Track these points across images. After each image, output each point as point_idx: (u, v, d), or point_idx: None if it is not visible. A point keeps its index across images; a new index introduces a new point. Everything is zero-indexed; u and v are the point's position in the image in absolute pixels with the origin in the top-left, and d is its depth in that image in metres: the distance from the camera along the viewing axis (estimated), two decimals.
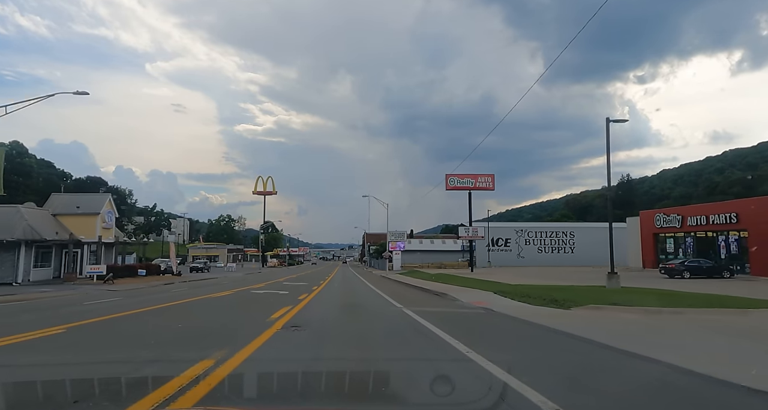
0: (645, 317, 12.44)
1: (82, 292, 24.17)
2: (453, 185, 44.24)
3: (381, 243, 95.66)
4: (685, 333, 9.87)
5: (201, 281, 35.66)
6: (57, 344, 8.62)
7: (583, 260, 59.94)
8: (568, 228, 70.82)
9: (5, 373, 6.28)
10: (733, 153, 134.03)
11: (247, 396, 5.16)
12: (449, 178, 44.62)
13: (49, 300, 19.73)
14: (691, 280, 30.39)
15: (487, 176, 45.41)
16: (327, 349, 8.13)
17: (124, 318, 12.71)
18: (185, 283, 32.62)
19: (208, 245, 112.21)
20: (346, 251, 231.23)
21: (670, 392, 5.35)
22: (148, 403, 4.47)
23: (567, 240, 68.19)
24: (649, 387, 5.46)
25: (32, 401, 4.86)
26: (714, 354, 7.54)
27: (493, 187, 44.77)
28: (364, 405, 4.73)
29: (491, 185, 44.80)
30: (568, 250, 67.45)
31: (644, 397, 5.12)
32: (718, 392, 5.32)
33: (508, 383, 5.31)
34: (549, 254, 66.40)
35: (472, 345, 7.74)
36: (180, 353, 7.46)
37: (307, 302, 17.99)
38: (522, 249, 65.00)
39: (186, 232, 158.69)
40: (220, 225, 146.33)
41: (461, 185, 44.67)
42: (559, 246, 67.97)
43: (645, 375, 6.09)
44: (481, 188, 44.95)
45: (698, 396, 5.23)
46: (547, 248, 67.70)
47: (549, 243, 67.92)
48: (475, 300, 16.98)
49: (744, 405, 5.00)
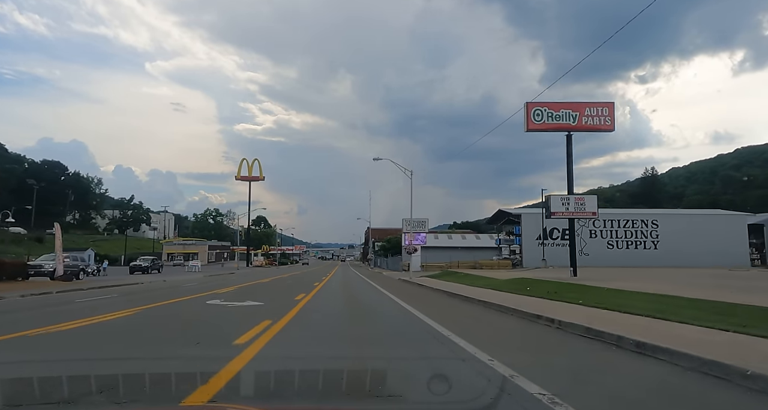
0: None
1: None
2: (540, 122, 24.57)
3: (388, 239, 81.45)
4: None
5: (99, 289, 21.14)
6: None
7: (670, 259, 45.19)
8: (650, 216, 54.28)
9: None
10: (746, 150, 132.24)
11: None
12: (533, 110, 24.39)
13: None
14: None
15: (602, 106, 24.88)
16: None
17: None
18: (60, 294, 18.34)
19: (185, 241, 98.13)
20: (345, 250, 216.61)
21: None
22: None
23: (648, 232, 51.90)
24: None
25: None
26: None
27: (613, 126, 25.29)
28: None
29: (609, 122, 25.09)
30: (650, 245, 51.74)
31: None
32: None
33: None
34: (622, 250, 50.74)
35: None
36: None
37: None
38: (585, 244, 48.39)
39: (170, 228, 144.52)
40: (206, 221, 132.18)
41: (555, 124, 24.58)
42: (638, 239, 51.86)
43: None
44: (592, 128, 25.13)
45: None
46: (620, 243, 51.62)
47: (623, 235, 51.68)
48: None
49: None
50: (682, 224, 50.72)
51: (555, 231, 50.20)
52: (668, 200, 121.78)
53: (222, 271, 55.53)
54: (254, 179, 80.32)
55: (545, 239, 48.70)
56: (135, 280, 30.36)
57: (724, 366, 4.77)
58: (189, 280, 30.90)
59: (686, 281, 21.61)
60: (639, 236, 51.37)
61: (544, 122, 24.57)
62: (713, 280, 21.34)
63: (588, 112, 24.70)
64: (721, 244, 46.28)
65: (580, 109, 25.00)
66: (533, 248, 49.35)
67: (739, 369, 4.59)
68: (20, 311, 12.24)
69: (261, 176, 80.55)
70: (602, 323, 7.96)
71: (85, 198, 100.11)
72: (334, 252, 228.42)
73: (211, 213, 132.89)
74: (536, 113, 24.67)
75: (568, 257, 24.71)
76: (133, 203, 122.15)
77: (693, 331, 6.91)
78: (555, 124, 24.94)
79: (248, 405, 3.71)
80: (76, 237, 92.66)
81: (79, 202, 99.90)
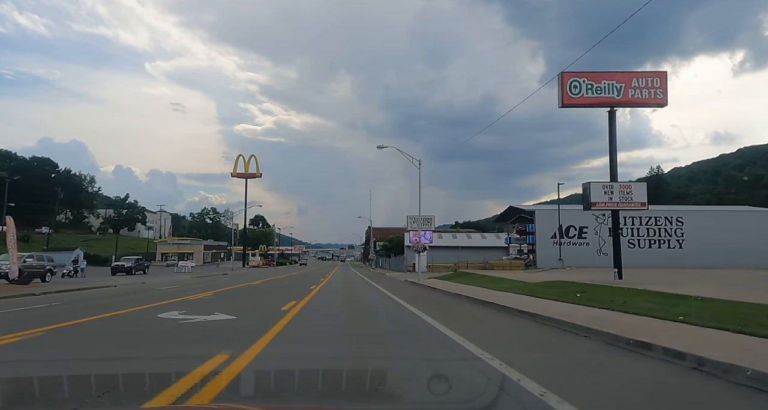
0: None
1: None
2: (577, 96, 20.64)
3: (390, 238, 78.17)
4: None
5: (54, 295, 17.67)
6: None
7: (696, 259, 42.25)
8: (674, 213, 49.39)
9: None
10: (749, 150, 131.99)
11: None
12: (570, 80, 20.70)
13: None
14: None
15: (652, 75, 20.88)
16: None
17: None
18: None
19: (180, 240, 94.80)
20: (345, 250, 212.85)
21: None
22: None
23: (672, 230, 47.54)
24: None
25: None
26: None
27: (666, 99, 21.03)
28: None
29: (661, 95, 20.98)
30: (674, 243, 47.53)
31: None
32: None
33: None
34: (644, 249, 46.48)
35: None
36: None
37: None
38: (604, 242, 42.84)
39: (166, 227, 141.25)
40: (203, 220, 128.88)
41: (596, 97, 20.58)
42: (661, 238, 47.44)
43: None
44: (640, 102, 21.23)
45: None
46: (642, 241, 47.17)
47: (645, 234, 47.25)
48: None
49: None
50: (709, 221, 46.89)
51: (572, 229, 46.37)
52: (672, 199, 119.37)
53: (215, 272, 52.27)
54: (251, 176, 76.86)
55: (563, 237, 44.97)
56: (110, 282, 26.99)
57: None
58: (172, 282, 27.62)
59: (750, 284, 18.36)
60: (663, 235, 47.42)
61: (583, 96, 20.15)
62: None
63: (635, 83, 20.33)
64: (753, 242, 42.69)
65: (626, 80, 20.79)
66: (548, 247, 45.46)
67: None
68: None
69: (258, 172, 77.05)
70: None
71: (77, 196, 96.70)
72: (334, 252, 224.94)
73: (208, 213, 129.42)
74: (573, 84, 20.55)
75: (585, 257, 21.67)
76: (128, 202, 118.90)
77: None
78: (596, 97, 20.69)
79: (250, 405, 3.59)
80: (67, 236, 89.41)
81: (72, 200, 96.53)
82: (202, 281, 30.06)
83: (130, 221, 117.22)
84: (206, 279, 32.41)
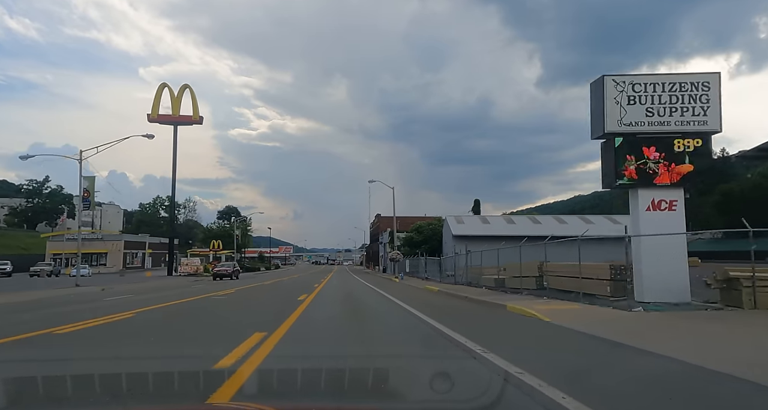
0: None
1: None
2: None
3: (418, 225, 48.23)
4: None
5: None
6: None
7: None
8: None
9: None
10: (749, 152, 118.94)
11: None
12: None
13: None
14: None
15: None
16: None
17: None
18: None
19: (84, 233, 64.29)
20: (342, 254, 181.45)
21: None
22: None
23: None
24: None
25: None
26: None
27: None
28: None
29: None
30: None
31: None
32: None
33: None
34: None
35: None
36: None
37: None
38: None
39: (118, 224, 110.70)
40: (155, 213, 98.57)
41: None
42: None
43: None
44: None
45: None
46: None
47: None
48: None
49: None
50: None
51: None
52: None
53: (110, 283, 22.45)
54: (184, 119, 46.64)
55: None
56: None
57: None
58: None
59: None
60: None
61: None
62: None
63: None
64: None
65: None
66: None
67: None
68: None
69: (195, 115, 46.69)
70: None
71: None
72: (329, 256, 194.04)
73: (162, 203, 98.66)
74: None
75: None
76: (48, 190, 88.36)
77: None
78: None
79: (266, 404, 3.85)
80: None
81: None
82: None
83: (49, 212, 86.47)
84: None
